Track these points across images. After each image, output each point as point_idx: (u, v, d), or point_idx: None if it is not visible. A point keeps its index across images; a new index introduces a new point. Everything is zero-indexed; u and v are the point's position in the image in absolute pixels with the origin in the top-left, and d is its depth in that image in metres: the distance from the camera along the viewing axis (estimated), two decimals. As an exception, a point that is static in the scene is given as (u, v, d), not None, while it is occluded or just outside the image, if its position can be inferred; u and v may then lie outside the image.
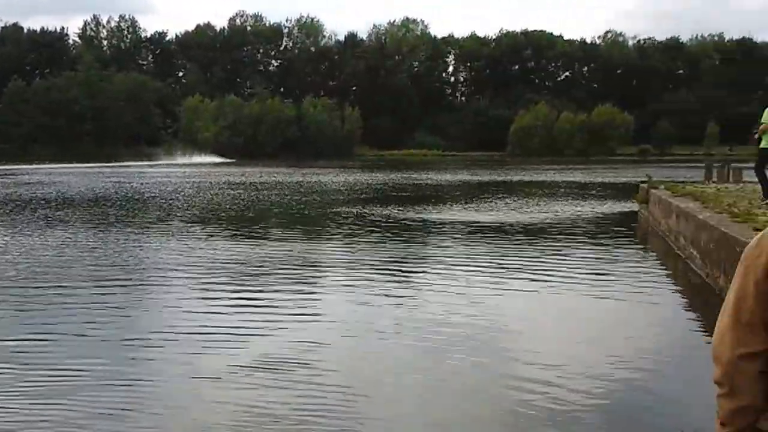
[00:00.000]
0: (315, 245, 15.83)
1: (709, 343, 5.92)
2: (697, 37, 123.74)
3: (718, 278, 10.37)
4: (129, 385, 6.44)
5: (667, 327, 9.02)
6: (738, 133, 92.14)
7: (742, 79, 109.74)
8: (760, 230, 7.11)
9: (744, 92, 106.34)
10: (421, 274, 12.21)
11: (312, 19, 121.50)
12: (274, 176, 46.53)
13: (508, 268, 12.53)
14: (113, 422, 5.65)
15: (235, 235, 17.26)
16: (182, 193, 30.65)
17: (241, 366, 6.92)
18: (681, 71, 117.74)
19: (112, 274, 11.75)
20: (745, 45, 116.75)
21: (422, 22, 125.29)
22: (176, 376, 6.71)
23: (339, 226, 19.00)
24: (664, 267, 13.54)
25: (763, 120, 13.06)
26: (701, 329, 8.68)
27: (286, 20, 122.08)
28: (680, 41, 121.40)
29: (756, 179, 14.28)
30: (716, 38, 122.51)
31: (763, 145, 13.12)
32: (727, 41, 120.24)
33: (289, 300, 9.92)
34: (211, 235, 16.79)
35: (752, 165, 14.38)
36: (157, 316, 9.20)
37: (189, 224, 19.18)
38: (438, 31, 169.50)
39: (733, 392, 1.81)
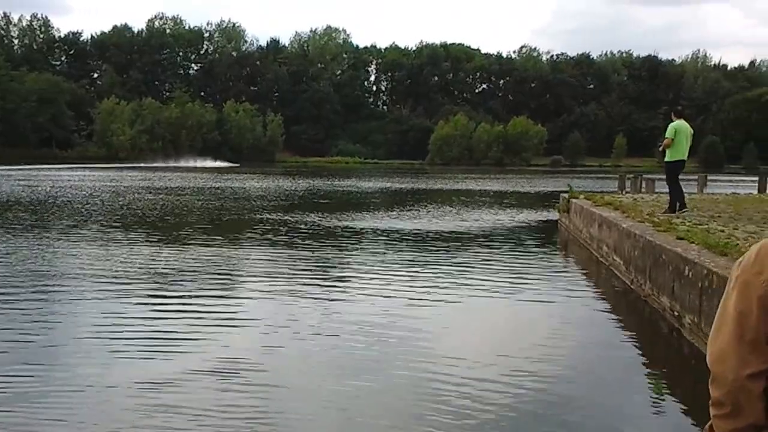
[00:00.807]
0: (236, 251, 15.13)
1: (635, 344, 7.57)
2: (606, 54, 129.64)
3: (642, 284, 10.61)
4: (49, 396, 6.18)
5: (593, 331, 9.04)
6: (644, 146, 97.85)
7: (648, 95, 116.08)
8: (683, 238, 8.81)
9: (649, 107, 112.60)
10: (344, 281, 11.98)
11: (233, 24, 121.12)
12: (194, 181, 45.98)
13: (430, 275, 12.41)
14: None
15: (155, 240, 16.64)
16: (99, 198, 29.36)
17: (165, 372, 6.74)
18: (591, 86, 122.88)
19: (28, 282, 11.10)
20: (651, 62, 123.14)
21: (344, 31, 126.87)
22: (93, 385, 6.46)
23: (261, 232, 18.42)
24: (587, 274, 13.57)
25: (667, 135, 13.70)
26: (627, 333, 8.95)
27: (207, 24, 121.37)
28: (591, 57, 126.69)
29: (667, 190, 14.89)
30: (624, 55, 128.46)
31: (667, 158, 13.79)
32: (635, 58, 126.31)
33: (212, 306, 9.68)
34: (131, 241, 16.16)
35: (663, 177, 15.03)
36: (75, 323, 8.76)
37: (107, 230, 18.43)
38: (360, 40, 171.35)
39: (737, 412, 1.79)
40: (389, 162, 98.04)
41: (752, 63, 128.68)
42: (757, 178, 31.38)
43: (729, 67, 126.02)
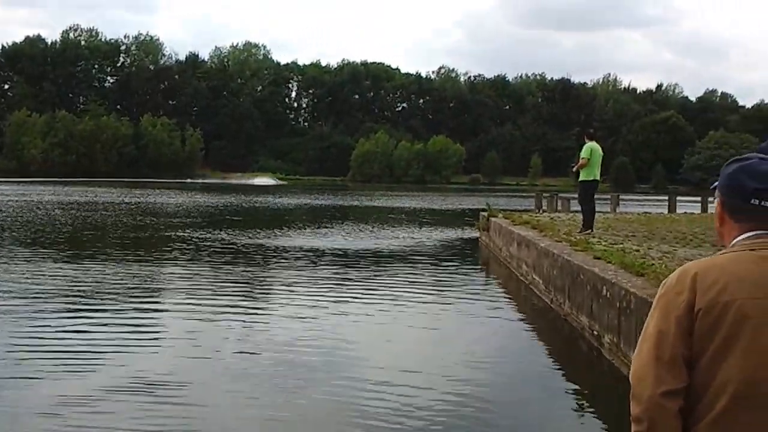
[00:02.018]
0: (152, 269, 14.75)
1: (555, 364, 7.80)
2: (521, 76, 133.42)
3: (562, 303, 10.72)
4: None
5: (514, 349, 9.11)
6: (558, 165, 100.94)
7: (561, 117, 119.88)
8: (599, 258, 9.04)
9: (563, 128, 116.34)
10: (264, 299, 11.98)
11: (151, 37, 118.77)
12: (108, 196, 44.80)
13: (352, 292, 12.36)
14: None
15: (69, 257, 16.26)
16: (4, 213, 28.50)
17: (78, 391, 6.67)
18: (507, 107, 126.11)
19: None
20: (564, 85, 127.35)
21: (264, 47, 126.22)
22: (3, 405, 6.34)
23: (179, 249, 18.15)
24: (507, 292, 13.68)
25: (583, 155, 13.95)
26: (547, 351, 9.10)
27: (124, 37, 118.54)
28: (506, 79, 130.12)
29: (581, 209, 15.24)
30: (538, 78, 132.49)
31: (582, 178, 14.10)
32: (548, 81, 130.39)
33: (127, 324, 9.57)
34: (43, 258, 15.80)
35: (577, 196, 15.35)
36: None
37: (14, 246, 17.93)
38: (280, 57, 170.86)
39: (652, 429, 1.82)
40: (310, 178, 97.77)
41: (659, 87, 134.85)
42: (665, 198, 32.89)
43: (638, 91, 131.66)
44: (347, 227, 26.50)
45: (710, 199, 29.21)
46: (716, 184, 2.05)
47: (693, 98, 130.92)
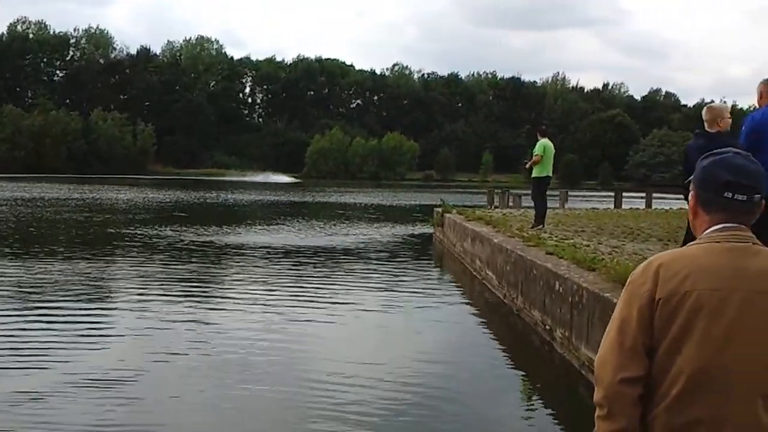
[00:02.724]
0: (103, 266, 14.57)
1: (508, 358, 8.30)
2: (473, 74, 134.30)
3: (515, 299, 10.87)
4: None
5: (468, 343, 9.19)
6: (509, 162, 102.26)
7: (512, 114, 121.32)
8: (552, 253, 9.49)
9: (514, 126, 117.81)
10: (218, 295, 11.91)
11: (102, 31, 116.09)
12: (57, 192, 43.88)
13: (307, 289, 12.35)
14: None
15: (11, 255, 15.96)
16: None
17: (28, 386, 6.72)
18: (460, 104, 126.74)
19: None
20: (515, 84, 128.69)
21: (218, 41, 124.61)
22: None
23: (129, 246, 17.87)
24: (461, 287, 13.82)
25: (537, 152, 14.02)
26: (500, 345, 9.23)
27: (74, 30, 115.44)
28: (459, 77, 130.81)
29: (533, 205, 15.36)
30: (490, 76, 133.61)
31: (535, 174, 14.18)
32: (499, 79, 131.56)
33: (80, 320, 9.55)
34: None
35: (529, 192, 15.51)
36: None
37: None
38: (234, 52, 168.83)
39: (611, 414, 1.83)
40: (266, 174, 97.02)
41: (606, 86, 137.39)
42: (611, 194, 33.84)
43: (586, 90, 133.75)
44: (301, 224, 26.39)
45: (656, 194, 30.16)
46: (691, 179, 2.08)
47: (638, 97, 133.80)
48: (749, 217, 1.96)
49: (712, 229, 1.95)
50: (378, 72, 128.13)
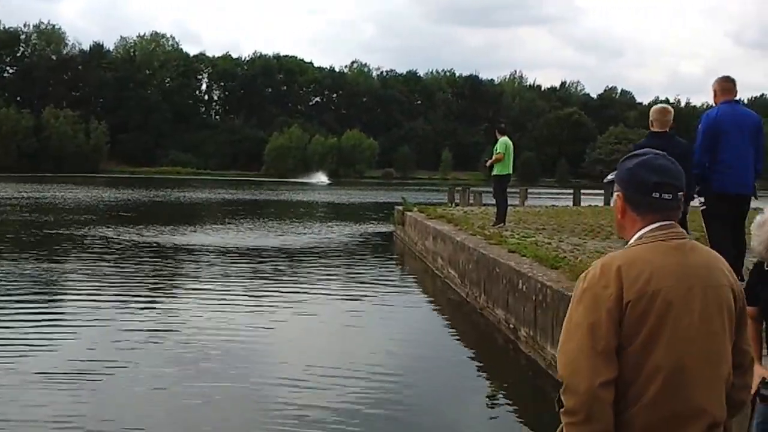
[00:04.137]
0: (53, 268, 14.24)
1: (472, 356, 8.15)
2: (432, 71, 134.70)
3: (478, 297, 10.90)
4: None
5: (430, 342, 9.21)
6: (468, 160, 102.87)
7: (470, 112, 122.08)
8: (514, 251, 9.43)
9: (472, 124, 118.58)
10: (175, 297, 11.74)
11: (53, 26, 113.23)
12: (3, 192, 42.54)
13: (266, 289, 12.24)
14: None
15: None
16: None
17: None
18: (419, 102, 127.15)
19: None
20: (473, 81, 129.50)
21: (173, 38, 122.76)
22: None
23: (81, 248, 17.45)
24: (422, 286, 13.87)
25: (499, 150, 13.95)
26: (463, 344, 9.24)
27: (24, 25, 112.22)
28: (418, 74, 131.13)
29: (494, 203, 15.47)
30: (448, 74, 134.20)
31: (497, 172, 14.11)
32: (458, 77, 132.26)
33: (28, 321, 9.48)
34: None
35: (491, 190, 15.52)
36: None
37: None
38: (189, 49, 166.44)
39: (589, 420, 1.85)
40: (222, 173, 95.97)
41: (563, 84, 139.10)
42: (570, 191, 34.14)
43: (543, 88, 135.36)
44: (261, 223, 26.11)
45: (613, 192, 30.45)
46: (610, 177, 2.16)
47: (594, 95, 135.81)
48: (677, 213, 2.06)
49: (649, 228, 2.03)
50: (337, 69, 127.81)
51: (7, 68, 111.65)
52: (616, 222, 2.18)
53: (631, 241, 2.08)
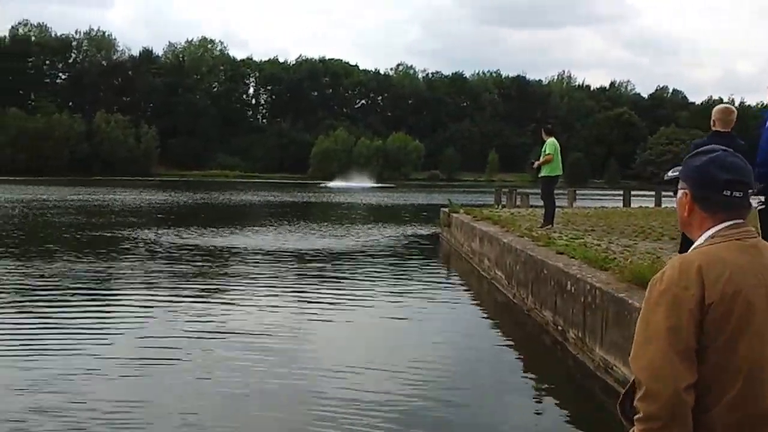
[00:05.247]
0: (106, 267, 14.63)
1: (519, 358, 7.95)
2: (478, 73, 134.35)
3: (525, 298, 10.72)
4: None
5: (477, 344, 9.09)
6: (515, 161, 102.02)
7: (518, 113, 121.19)
8: (562, 253, 9.18)
9: (519, 125, 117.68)
10: (225, 298, 11.71)
11: (104, 33, 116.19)
12: (57, 194, 43.86)
13: (313, 291, 12.29)
14: None
15: (16, 257, 15.90)
16: None
17: (40, 375, 7.04)
18: (465, 103, 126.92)
19: None
20: (520, 82, 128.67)
21: (221, 42, 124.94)
22: None
23: (131, 249, 17.80)
24: (468, 287, 13.69)
25: (549, 151, 13.80)
26: (511, 345, 9.10)
27: (75, 32, 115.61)
28: (464, 76, 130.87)
29: (541, 204, 15.29)
30: (494, 75, 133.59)
31: (545, 173, 13.94)
32: (504, 78, 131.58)
33: (81, 321, 9.67)
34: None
35: (538, 191, 15.30)
36: None
37: None
38: (236, 53, 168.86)
39: (671, 425, 1.84)
40: (269, 176, 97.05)
41: (613, 84, 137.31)
42: (619, 192, 33.53)
43: (592, 88, 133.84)
44: (309, 225, 26.20)
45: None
46: (672, 175, 2.11)
47: (645, 95, 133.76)
48: (747, 211, 2.03)
49: (721, 227, 1.99)
50: (382, 72, 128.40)
51: (60, 74, 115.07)
52: (680, 220, 2.12)
53: (701, 240, 2.03)
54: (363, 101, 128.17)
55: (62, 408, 6.19)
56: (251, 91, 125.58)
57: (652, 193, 30.71)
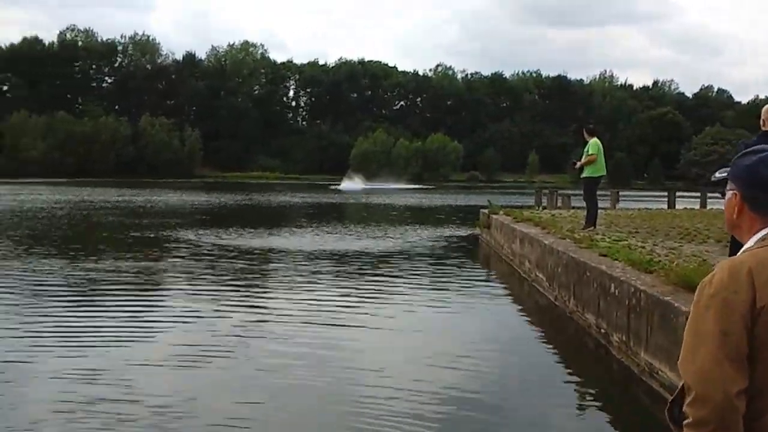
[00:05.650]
0: (150, 266, 14.92)
1: (561, 361, 7.94)
2: (518, 73, 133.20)
3: (567, 301, 10.69)
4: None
5: (519, 346, 9.07)
6: (555, 162, 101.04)
7: (558, 113, 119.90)
8: (605, 255, 9.08)
9: (560, 125, 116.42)
10: (267, 299, 11.85)
11: (148, 37, 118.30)
12: (105, 196, 44.90)
13: (353, 292, 12.31)
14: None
15: (65, 256, 16.31)
16: (8, 214, 28.57)
17: (96, 366, 7.36)
18: (505, 104, 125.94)
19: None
20: (560, 82, 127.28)
21: (262, 46, 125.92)
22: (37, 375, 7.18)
23: (173, 248, 18.12)
24: (509, 288, 13.67)
25: (592, 151, 13.66)
26: (552, 348, 9.06)
27: (121, 36, 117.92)
28: (503, 76, 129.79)
29: (583, 205, 15.25)
30: (534, 75, 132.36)
31: (588, 174, 13.82)
32: (545, 78, 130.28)
33: (127, 317, 9.91)
34: (37, 256, 15.93)
35: (580, 192, 15.30)
36: None
37: (15, 245, 18.09)
38: (277, 56, 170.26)
39: (722, 431, 1.82)
40: (309, 177, 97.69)
41: (656, 83, 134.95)
42: (663, 193, 33.00)
43: (634, 87, 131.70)
44: (348, 226, 26.32)
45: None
46: (720, 176, 2.08)
47: (689, 94, 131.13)
48: None
49: None
50: (421, 73, 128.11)
51: (106, 78, 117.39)
52: (728, 221, 2.08)
53: (751, 242, 1.99)
54: (402, 102, 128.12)
55: (111, 399, 6.42)
56: (291, 93, 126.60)
57: (697, 194, 30.17)
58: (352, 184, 74.02)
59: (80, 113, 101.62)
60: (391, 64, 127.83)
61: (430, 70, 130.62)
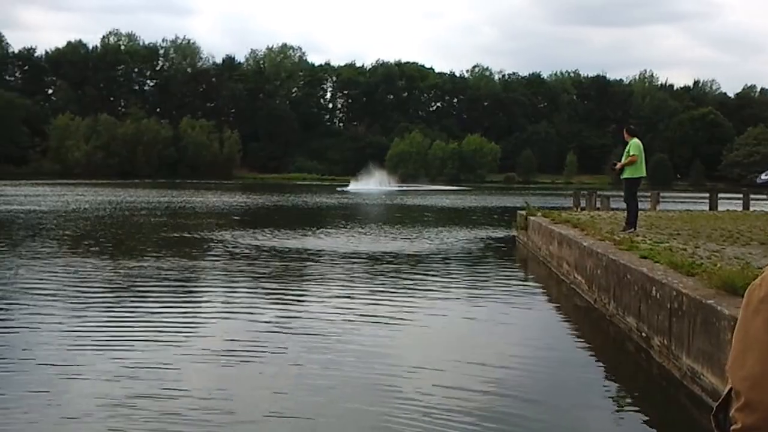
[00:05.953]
0: (189, 265, 15.15)
1: (602, 365, 7.98)
2: (556, 73, 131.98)
3: (606, 304, 10.58)
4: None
5: (557, 349, 8.98)
6: (594, 163, 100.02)
7: (597, 113, 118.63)
8: (646, 257, 8.92)
9: (599, 126, 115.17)
10: (302, 299, 11.90)
11: (189, 41, 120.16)
12: (148, 196, 45.60)
13: (390, 293, 12.30)
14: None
15: (108, 255, 16.75)
16: (53, 214, 29.14)
17: (140, 361, 7.60)
18: (542, 104, 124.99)
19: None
20: (599, 82, 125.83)
21: (300, 49, 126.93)
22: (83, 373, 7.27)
23: (211, 248, 18.33)
24: (547, 291, 13.57)
25: (633, 152, 13.54)
26: (592, 352, 8.96)
27: (162, 40, 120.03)
28: (541, 77, 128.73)
29: (623, 207, 15.11)
30: (573, 75, 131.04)
31: (628, 175, 13.69)
32: (583, 78, 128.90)
33: (168, 315, 10.11)
34: (81, 255, 16.30)
35: (619, 194, 15.26)
36: (30, 337, 8.82)
37: (58, 245, 18.60)
38: (315, 58, 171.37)
39: None
40: (346, 178, 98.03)
41: (696, 83, 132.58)
42: (705, 195, 32.42)
43: (675, 87, 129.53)
44: (380, 227, 26.31)
45: (753, 195, 28.66)
46: (765, 178, 1.98)
47: (731, 94, 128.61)
48: None
49: None
50: (458, 74, 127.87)
51: (148, 81, 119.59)
52: None
53: None
54: (438, 104, 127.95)
55: (154, 395, 6.59)
56: (328, 95, 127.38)
57: (740, 195, 29.55)
58: (361, 184, 69.23)
59: (123, 115, 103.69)
60: (427, 66, 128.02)
61: (467, 71, 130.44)
